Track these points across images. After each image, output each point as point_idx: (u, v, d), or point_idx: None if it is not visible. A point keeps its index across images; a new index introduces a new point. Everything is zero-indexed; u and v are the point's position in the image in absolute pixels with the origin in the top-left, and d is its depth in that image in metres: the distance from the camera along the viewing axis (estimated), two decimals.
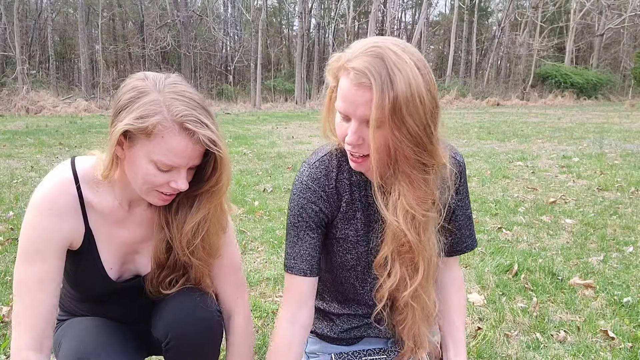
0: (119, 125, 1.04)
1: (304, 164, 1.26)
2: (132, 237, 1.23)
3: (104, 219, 1.18)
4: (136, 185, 1.11)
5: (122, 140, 1.07)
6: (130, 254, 1.26)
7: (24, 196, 5.80)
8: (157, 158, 1.04)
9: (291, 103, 24.59)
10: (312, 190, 1.20)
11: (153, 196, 1.11)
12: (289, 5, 37.77)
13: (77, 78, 28.88)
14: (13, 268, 4.01)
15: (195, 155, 1.07)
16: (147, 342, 1.35)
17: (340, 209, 1.22)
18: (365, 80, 1.00)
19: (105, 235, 1.19)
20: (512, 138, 11.67)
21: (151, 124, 1.01)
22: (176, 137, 1.02)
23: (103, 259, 1.19)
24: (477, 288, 3.35)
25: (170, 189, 1.09)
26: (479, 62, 35.05)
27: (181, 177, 1.07)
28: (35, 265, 1.11)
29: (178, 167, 1.07)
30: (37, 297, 1.10)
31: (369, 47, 1.03)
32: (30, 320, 1.10)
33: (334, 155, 1.25)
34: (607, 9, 31.64)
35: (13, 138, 11.35)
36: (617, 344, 2.64)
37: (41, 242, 1.10)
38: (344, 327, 1.38)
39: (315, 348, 1.44)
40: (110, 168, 1.10)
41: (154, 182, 1.07)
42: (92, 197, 1.15)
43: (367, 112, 1.02)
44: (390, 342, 1.40)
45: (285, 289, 1.26)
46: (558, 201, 5.68)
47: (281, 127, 13.91)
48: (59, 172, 1.13)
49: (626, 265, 3.75)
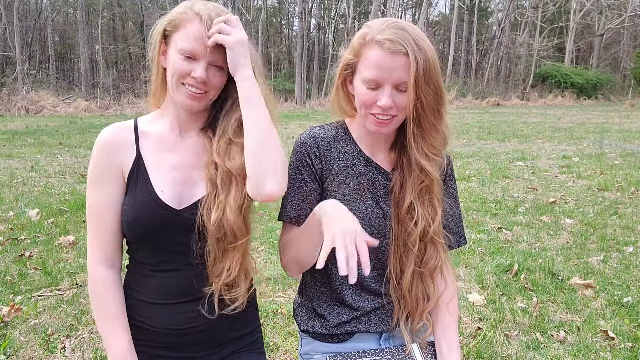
0: (157, 28, 1.25)
1: (308, 128, 1.43)
2: (183, 163, 1.30)
3: (155, 145, 1.30)
4: (170, 85, 1.24)
5: (162, 45, 1.25)
6: (185, 181, 1.31)
7: (24, 196, 5.80)
8: (181, 45, 1.20)
9: (291, 103, 24.60)
10: (308, 145, 1.34)
11: (181, 93, 1.22)
12: (289, 5, 37.85)
13: (77, 78, 28.88)
14: (13, 268, 4.00)
15: (213, 47, 1.20)
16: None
17: (332, 172, 1.34)
18: (400, 47, 1.16)
19: (155, 159, 1.29)
20: (512, 138, 11.68)
21: (178, 15, 1.22)
22: (195, 25, 1.19)
23: (153, 180, 1.27)
24: (477, 288, 3.35)
25: (192, 81, 1.21)
26: (479, 62, 35.07)
27: (200, 67, 1.20)
28: (97, 191, 1.26)
29: (197, 56, 1.20)
30: (101, 220, 1.26)
31: (390, 23, 1.21)
32: (100, 240, 1.27)
33: (333, 126, 1.40)
34: (607, 9, 31.67)
35: (13, 138, 11.36)
36: (617, 344, 2.64)
37: (101, 170, 1.26)
38: (335, 322, 1.39)
39: (309, 348, 1.46)
40: (158, 84, 1.29)
41: (179, 70, 1.20)
42: (146, 127, 1.32)
43: (401, 76, 1.17)
44: (383, 339, 1.41)
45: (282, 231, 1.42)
46: (558, 201, 5.68)
47: (281, 127, 13.92)
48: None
49: (626, 265, 3.75)
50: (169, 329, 1.30)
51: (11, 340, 2.64)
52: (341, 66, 1.30)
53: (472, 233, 4.53)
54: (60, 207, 5.27)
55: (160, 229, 1.25)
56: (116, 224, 1.27)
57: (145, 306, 1.30)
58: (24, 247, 4.05)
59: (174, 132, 1.32)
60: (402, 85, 1.18)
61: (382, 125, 1.24)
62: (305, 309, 1.47)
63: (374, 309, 1.38)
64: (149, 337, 1.31)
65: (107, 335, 1.25)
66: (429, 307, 1.37)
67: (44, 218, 4.87)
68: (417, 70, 1.16)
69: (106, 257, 1.27)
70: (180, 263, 1.29)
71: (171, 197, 1.26)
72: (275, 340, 2.70)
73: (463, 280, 3.48)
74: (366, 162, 1.35)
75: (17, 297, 3.15)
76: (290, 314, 2.96)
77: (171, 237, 1.26)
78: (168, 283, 1.29)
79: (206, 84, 1.22)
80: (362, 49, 1.22)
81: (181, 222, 1.25)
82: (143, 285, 1.31)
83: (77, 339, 2.69)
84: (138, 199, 1.25)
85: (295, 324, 2.85)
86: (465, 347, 2.62)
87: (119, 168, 1.27)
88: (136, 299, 1.31)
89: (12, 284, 3.36)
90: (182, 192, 1.28)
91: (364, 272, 1.03)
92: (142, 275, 1.31)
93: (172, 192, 1.27)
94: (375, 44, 1.19)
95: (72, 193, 5.98)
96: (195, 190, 1.29)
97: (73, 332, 2.76)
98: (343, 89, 1.34)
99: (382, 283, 1.38)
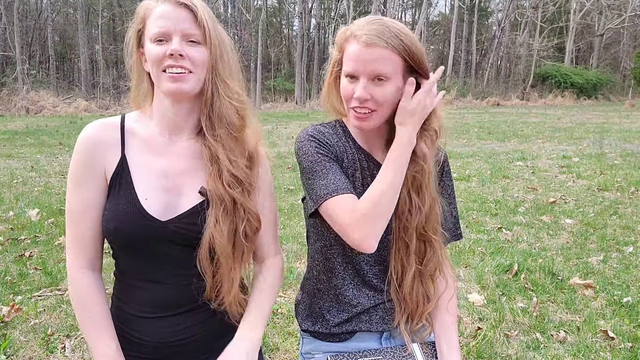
0: (129, 35, 1.22)
1: (307, 127, 1.41)
2: (172, 169, 1.23)
3: (142, 147, 1.23)
4: (154, 79, 1.19)
5: (140, 51, 1.21)
6: (171, 190, 1.22)
7: (24, 196, 5.80)
8: (152, 32, 1.15)
9: (291, 103, 24.61)
10: (316, 139, 1.33)
11: (164, 79, 1.16)
12: (289, 5, 37.83)
13: (77, 78, 28.88)
14: (13, 268, 3.99)
15: (181, 18, 1.16)
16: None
17: (343, 163, 1.34)
18: (376, 40, 1.19)
19: (141, 162, 1.22)
20: (512, 138, 11.67)
21: (142, 10, 1.19)
22: (159, 6, 1.16)
23: (137, 186, 1.19)
24: (477, 288, 3.35)
25: (171, 59, 1.15)
26: (479, 62, 35.06)
27: (174, 42, 1.15)
28: (78, 193, 1.20)
29: (168, 34, 1.15)
30: (82, 224, 1.20)
31: (372, 20, 1.25)
32: (80, 245, 1.21)
33: (333, 124, 1.41)
34: (607, 9, 31.67)
35: (13, 138, 11.36)
36: (617, 344, 2.64)
37: (81, 170, 1.20)
38: (335, 322, 1.39)
39: (310, 348, 1.45)
40: (138, 89, 1.24)
41: (156, 56, 1.15)
42: (134, 125, 1.25)
43: (376, 67, 1.20)
44: (384, 338, 1.41)
45: (334, 210, 1.22)
46: (558, 201, 5.68)
47: (281, 127, 13.91)
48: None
49: (626, 265, 3.75)
50: (158, 342, 1.24)
51: (11, 340, 2.64)
52: (332, 63, 1.34)
53: (472, 233, 4.53)
54: (61, 207, 5.27)
55: (143, 239, 1.18)
56: (97, 227, 1.21)
57: (134, 320, 1.24)
58: (24, 247, 4.05)
59: (164, 134, 1.24)
60: (379, 77, 1.21)
61: (361, 120, 1.25)
62: (306, 308, 1.47)
63: (373, 305, 1.38)
64: (136, 349, 1.25)
65: (95, 342, 1.20)
66: (429, 309, 1.37)
67: (44, 218, 4.87)
68: (392, 61, 1.20)
69: (88, 261, 1.22)
70: (168, 273, 1.22)
71: (155, 206, 1.18)
72: (275, 340, 2.70)
73: (463, 280, 3.48)
74: (367, 157, 1.36)
75: (17, 297, 3.15)
76: (290, 314, 2.96)
77: (156, 248, 1.19)
78: (156, 295, 1.23)
79: (185, 59, 1.15)
80: (344, 44, 1.27)
81: (166, 234, 1.18)
82: (131, 296, 1.25)
83: (77, 339, 2.69)
84: (120, 205, 1.18)
85: (295, 324, 2.86)
86: (465, 347, 2.62)
87: (102, 169, 1.20)
88: (125, 311, 1.25)
89: (12, 284, 3.36)
90: (168, 201, 1.20)
91: None
92: (130, 286, 1.25)
93: (156, 201, 1.19)
94: (353, 38, 1.24)
95: None
96: (182, 200, 1.21)
97: (73, 332, 2.76)
98: (335, 87, 1.36)
99: (383, 279, 1.38)
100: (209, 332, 1.30)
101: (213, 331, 1.31)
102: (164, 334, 1.24)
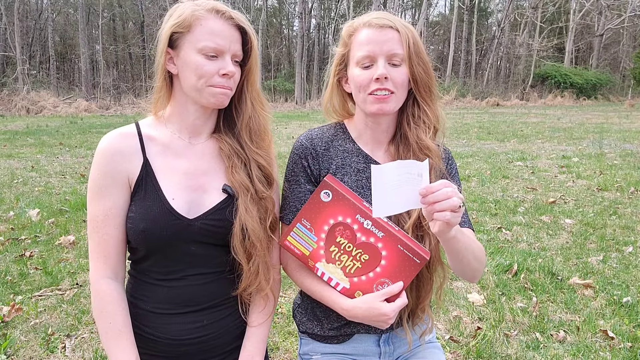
0: (162, 33, 1.19)
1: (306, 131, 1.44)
2: (194, 169, 1.26)
3: (163, 150, 1.25)
4: (194, 88, 1.19)
5: (168, 52, 1.20)
6: (195, 189, 1.24)
7: (24, 196, 5.81)
8: (203, 45, 1.16)
9: (291, 103, 24.61)
10: (304, 147, 1.36)
11: (209, 93, 1.19)
12: (289, 5, 37.82)
13: (77, 78, 28.90)
14: (13, 268, 3.99)
15: (234, 39, 1.19)
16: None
17: (330, 170, 1.35)
18: (388, 22, 1.25)
19: (164, 164, 1.24)
20: (511, 138, 11.67)
21: (189, 15, 1.17)
22: (212, 19, 1.17)
23: (163, 187, 1.22)
24: (477, 288, 3.36)
25: (223, 79, 1.18)
26: (479, 62, 35.06)
27: (227, 62, 1.18)
28: (100, 202, 1.20)
29: (222, 52, 1.18)
30: (106, 232, 1.20)
31: (373, 13, 1.30)
32: (104, 252, 1.21)
33: (332, 126, 1.43)
34: (607, 9, 31.66)
35: (13, 138, 11.36)
36: (617, 343, 2.64)
37: (103, 181, 1.20)
38: (333, 325, 1.39)
39: (308, 349, 1.45)
40: (162, 91, 1.24)
41: (207, 72, 1.17)
42: (151, 131, 1.26)
43: (392, 47, 1.24)
44: (383, 340, 1.40)
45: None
46: (558, 201, 5.68)
47: (281, 127, 13.92)
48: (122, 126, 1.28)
49: (626, 265, 3.76)
50: (171, 340, 1.26)
51: (11, 340, 2.64)
52: (335, 62, 1.35)
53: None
54: (61, 207, 5.28)
55: (172, 238, 1.20)
56: (121, 234, 1.22)
57: (149, 316, 1.26)
58: (24, 247, 4.05)
59: (183, 138, 1.28)
60: (395, 58, 1.25)
61: (382, 102, 1.26)
62: (305, 310, 1.47)
63: None
64: (148, 345, 1.27)
65: (113, 352, 1.19)
66: (429, 298, 1.38)
67: (44, 218, 4.88)
68: (409, 42, 1.24)
69: (111, 270, 1.22)
70: (189, 272, 1.25)
71: (182, 205, 1.22)
72: (275, 340, 2.71)
73: (463, 280, 3.49)
74: (365, 159, 1.36)
75: (17, 297, 3.16)
76: (290, 314, 2.96)
77: (181, 247, 1.22)
78: (175, 293, 1.25)
79: (232, 78, 1.21)
80: (352, 37, 1.31)
81: (193, 231, 1.21)
82: (147, 294, 1.26)
83: (77, 339, 2.70)
84: (149, 207, 1.20)
85: (295, 323, 2.86)
86: (465, 347, 2.63)
87: (125, 177, 1.21)
88: (140, 307, 1.27)
89: (13, 283, 3.36)
90: (193, 200, 1.23)
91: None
92: (147, 283, 1.27)
93: (183, 200, 1.22)
94: (363, 26, 1.28)
95: (72, 193, 5.99)
96: (206, 198, 1.24)
97: (73, 332, 2.76)
98: (338, 89, 1.37)
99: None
100: (224, 332, 1.31)
101: (228, 331, 1.32)
102: (178, 331, 1.26)
